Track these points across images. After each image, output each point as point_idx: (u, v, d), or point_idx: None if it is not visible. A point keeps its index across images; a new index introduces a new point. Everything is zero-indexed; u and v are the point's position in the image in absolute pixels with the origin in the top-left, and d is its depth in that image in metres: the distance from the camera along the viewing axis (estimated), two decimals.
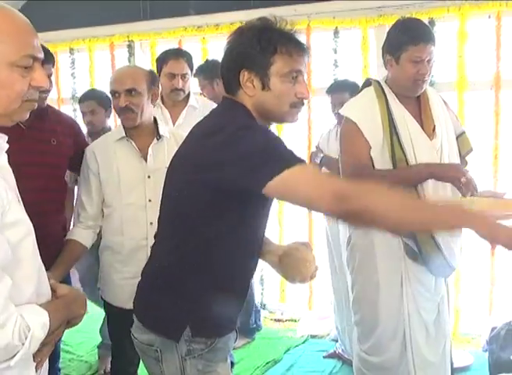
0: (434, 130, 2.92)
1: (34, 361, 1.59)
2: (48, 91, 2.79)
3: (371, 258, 2.97)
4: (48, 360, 1.73)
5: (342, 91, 4.11)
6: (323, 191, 1.74)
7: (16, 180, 2.44)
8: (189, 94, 3.97)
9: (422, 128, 2.92)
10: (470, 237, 2.44)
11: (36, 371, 1.62)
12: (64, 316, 1.68)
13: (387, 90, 2.92)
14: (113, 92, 2.87)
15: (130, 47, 5.49)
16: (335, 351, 4.48)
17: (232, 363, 3.93)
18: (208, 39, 5.24)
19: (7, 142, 1.92)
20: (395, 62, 2.85)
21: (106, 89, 5.55)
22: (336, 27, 4.83)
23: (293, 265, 2.17)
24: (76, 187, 3.19)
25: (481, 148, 4.33)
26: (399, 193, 1.90)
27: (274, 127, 4.83)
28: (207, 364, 2.02)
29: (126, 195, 2.86)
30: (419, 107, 2.96)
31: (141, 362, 2.29)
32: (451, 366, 3.15)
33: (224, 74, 2.03)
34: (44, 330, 1.52)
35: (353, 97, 3.84)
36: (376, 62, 4.77)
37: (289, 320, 5.28)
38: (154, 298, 2.07)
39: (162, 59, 3.87)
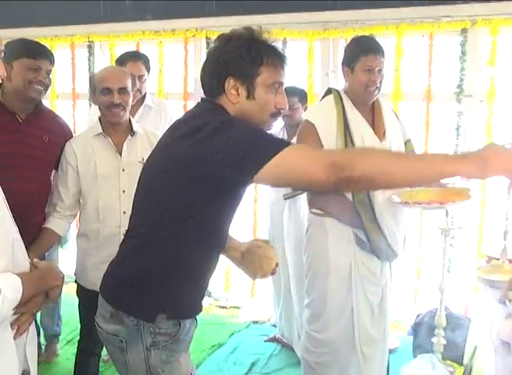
0: (384, 133, 3.13)
1: (12, 328, 1.64)
2: (45, 86, 2.87)
3: (324, 246, 3.14)
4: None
5: (291, 95, 4.13)
6: (320, 165, 1.73)
7: (9, 168, 2.61)
8: (145, 95, 4.09)
9: (374, 131, 3.11)
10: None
11: (15, 339, 1.65)
12: (38, 285, 1.72)
13: (345, 97, 3.11)
14: (106, 89, 2.91)
15: (90, 47, 5.52)
16: (274, 336, 4.65)
17: None
18: (164, 43, 5.29)
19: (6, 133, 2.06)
20: (350, 72, 3.07)
21: (68, 86, 5.68)
22: (285, 38, 4.95)
23: (255, 261, 2.24)
24: None
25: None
26: (389, 152, 2.04)
27: None
28: (170, 354, 2.05)
29: (102, 187, 2.98)
30: (373, 113, 3.17)
31: None
32: None
33: (205, 78, 2.04)
34: (16, 294, 1.56)
35: (301, 102, 4.09)
36: (320, 72, 4.98)
37: (232, 307, 5.39)
38: (129, 283, 2.04)
39: (121, 61, 3.95)
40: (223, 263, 5.21)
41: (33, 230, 2.87)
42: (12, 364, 1.65)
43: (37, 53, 2.86)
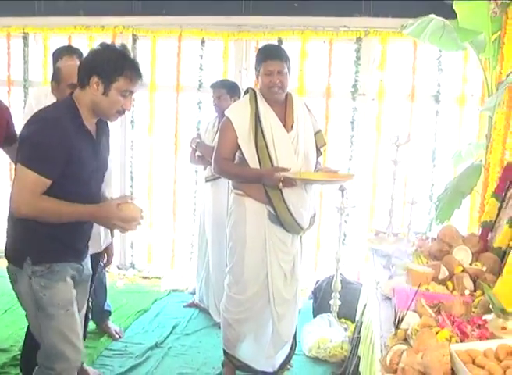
0: (292, 126, 3.35)
1: None
2: None
3: (243, 220, 3.38)
4: None
5: (220, 87, 4.40)
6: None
7: None
8: None
9: (284, 124, 3.34)
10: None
11: None
12: None
13: (259, 95, 3.36)
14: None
15: (25, 39, 5.50)
16: (193, 302, 4.86)
17: (109, 312, 4.25)
18: (94, 37, 5.35)
19: None
20: (258, 75, 3.35)
21: (3, 74, 5.59)
22: (203, 38, 5.19)
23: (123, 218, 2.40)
24: None
25: None
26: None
27: None
28: (48, 282, 2.42)
29: None
30: (285, 108, 3.39)
31: None
32: None
33: (81, 71, 2.42)
34: None
35: (229, 93, 4.32)
36: (234, 69, 5.25)
37: (154, 277, 5.54)
38: (8, 234, 2.45)
39: (57, 55, 3.87)
40: (146, 238, 5.50)
41: None
42: None
43: None
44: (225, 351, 3.64)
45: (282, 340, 3.55)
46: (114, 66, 2.35)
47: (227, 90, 4.38)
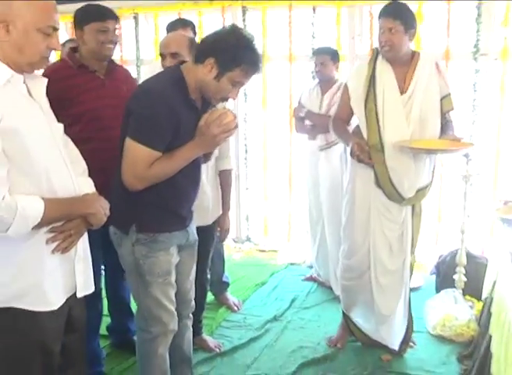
0: (408, 88, 3.19)
1: (47, 243, 1.84)
2: (115, 43, 2.99)
3: (352, 180, 3.38)
4: None
5: (323, 54, 4.33)
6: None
7: (101, 120, 2.86)
8: None
9: (402, 85, 3.20)
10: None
11: (53, 253, 1.86)
12: (67, 210, 1.87)
13: (381, 56, 3.23)
14: (160, 54, 3.05)
15: (136, 18, 5.59)
16: (311, 276, 4.81)
17: (227, 284, 4.29)
18: (203, 12, 5.36)
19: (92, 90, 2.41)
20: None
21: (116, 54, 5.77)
22: (314, 6, 5.06)
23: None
24: None
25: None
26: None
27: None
28: (149, 250, 2.46)
29: None
30: (407, 69, 3.22)
31: None
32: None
33: (200, 47, 2.36)
34: (34, 212, 1.73)
35: (332, 60, 4.28)
36: (347, 35, 5.09)
37: (271, 251, 5.54)
38: (115, 201, 2.33)
39: (170, 28, 3.93)
40: (261, 211, 5.50)
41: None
42: (41, 271, 1.84)
43: (104, 15, 2.94)
44: (343, 313, 3.67)
45: (381, 313, 3.47)
46: (234, 55, 2.26)
47: (331, 56, 4.32)
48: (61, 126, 2.04)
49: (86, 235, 2.05)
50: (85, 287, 2.06)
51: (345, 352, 3.62)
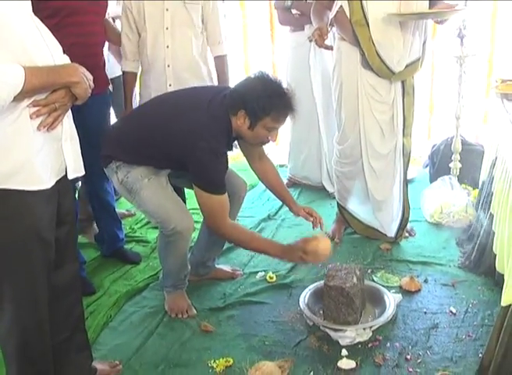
0: None
1: (32, 118, 1.70)
2: None
3: (338, 64, 3.28)
4: None
5: None
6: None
7: (79, 15, 2.84)
8: None
9: None
10: None
11: (39, 129, 1.73)
12: (49, 77, 1.70)
13: None
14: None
15: None
16: (289, 180, 4.69)
17: None
18: None
19: None
20: None
21: None
22: None
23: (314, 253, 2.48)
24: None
25: None
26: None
27: None
28: (128, 166, 2.66)
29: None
30: None
31: None
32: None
33: (231, 99, 2.49)
34: (15, 80, 1.59)
35: None
36: None
37: None
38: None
39: None
40: None
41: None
42: (29, 148, 1.73)
43: None
44: (338, 204, 3.65)
45: (375, 199, 3.46)
46: (263, 106, 2.41)
47: None
48: (28, 2, 1.84)
49: (70, 114, 1.90)
50: (75, 168, 1.95)
51: (344, 245, 3.61)
